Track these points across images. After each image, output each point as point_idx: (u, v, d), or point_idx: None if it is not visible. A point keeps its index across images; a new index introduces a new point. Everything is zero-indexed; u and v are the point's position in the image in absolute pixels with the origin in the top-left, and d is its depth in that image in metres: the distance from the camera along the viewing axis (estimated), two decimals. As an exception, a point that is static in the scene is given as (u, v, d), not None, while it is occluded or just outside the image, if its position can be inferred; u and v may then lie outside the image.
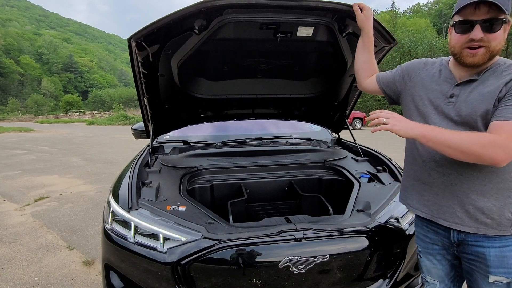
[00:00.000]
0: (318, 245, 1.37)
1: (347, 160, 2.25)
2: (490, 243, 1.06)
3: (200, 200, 2.05)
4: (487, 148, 0.94)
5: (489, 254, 1.06)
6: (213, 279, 1.34)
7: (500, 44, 1.01)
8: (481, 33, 0.99)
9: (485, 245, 1.07)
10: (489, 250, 1.06)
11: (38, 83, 79.59)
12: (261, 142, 2.46)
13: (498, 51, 1.02)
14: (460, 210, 1.08)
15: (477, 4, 0.98)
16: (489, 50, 1.01)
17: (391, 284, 1.50)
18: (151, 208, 1.46)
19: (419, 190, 1.20)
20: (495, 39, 1.00)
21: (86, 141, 12.99)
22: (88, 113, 44.70)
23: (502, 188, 1.03)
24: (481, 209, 1.04)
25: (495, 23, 0.98)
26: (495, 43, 1.00)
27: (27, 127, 23.53)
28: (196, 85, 2.19)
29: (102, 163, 7.55)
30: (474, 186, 1.05)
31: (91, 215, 3.89)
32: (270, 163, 2.20)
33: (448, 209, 1.12)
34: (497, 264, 1.05)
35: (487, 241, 1.06)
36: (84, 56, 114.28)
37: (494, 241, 1.05)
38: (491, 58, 1.03)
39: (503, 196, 1.03)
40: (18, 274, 2.54)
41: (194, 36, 1.63)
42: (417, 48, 20.63)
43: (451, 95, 1.09)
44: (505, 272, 1.04)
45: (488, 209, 1.04)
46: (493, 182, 1.03)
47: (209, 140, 2.54)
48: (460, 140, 0.98)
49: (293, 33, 1.66)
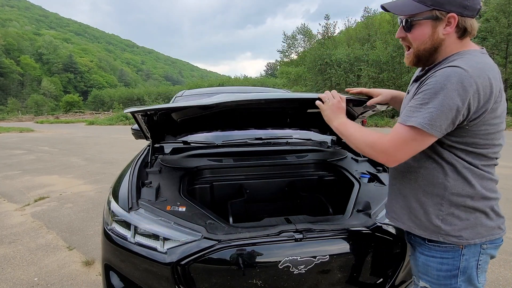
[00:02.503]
0: (318, 245, 1.37)
1: (347, 160, 2.24)
2: (422, 249, 1.04)
3: (200, 200, 2.05)
4: (373, 149, 0.96)
5: (418, 259, 1.06)
6: (213, 279, 1.34)
7: (426, 44, 0.93)
8: (402, 32, 0.96)
9: (418, 249, 1.07)
10: (419, 255, 1.06)
11: (38, 83, 79.59)
12: (261, 142, 2.46)
13: (425, 52, 0.94)
14: (396, 205, 1.09)
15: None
16: (413, 51, 0.97)
17: (391, 284, 1.50)
18: (151, 208, 1.46)
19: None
20: (414, 39, 0.94)
21: (86, 141, 12.98)
22: (88, 113, 44.70)
23: (430, 192, 0.98)
24: (410, 208, 1.03)
25: (412, 21, 0.93)
26: (416, 43, 0.94)
27: (27, 127, 23.53)
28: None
29: (102, 163, 7.55)
30: (406, 183, 1.04)
31: (91, 215, 3.89)
32: (270, 163, 2.20)
33: (389, 204, 1.14)
34: (423, 271, 1.05)
35: (420, 246, 1.05)
36: (84, 56, 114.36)
37: (425, 248, 1.03)
38: (421, 60, 0.97)
39: (432, 202, 0.97)
40: (18, 274, 2.54)
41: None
42: (417, 48, 20.63)
43: (408, 92, 1.08)
44: (429, 281, 1.03)
45: (415, 209, 1.02)
46: (420, 184, 1.00)
47: (209, 140, 2.54)
48: (357, 138, 1.00)
49: None
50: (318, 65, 23.79)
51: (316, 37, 31.14)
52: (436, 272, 1.00)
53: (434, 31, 0.91)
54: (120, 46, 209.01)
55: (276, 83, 32.96)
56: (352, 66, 22.52)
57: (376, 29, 25.80)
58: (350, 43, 26.68)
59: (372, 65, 21.34)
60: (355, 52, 22.74)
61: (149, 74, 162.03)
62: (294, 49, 35.02)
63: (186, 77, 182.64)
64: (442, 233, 0.97)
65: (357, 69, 22.13)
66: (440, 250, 0.99)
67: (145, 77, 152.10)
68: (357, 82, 22.23)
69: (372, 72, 21.02)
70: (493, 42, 17.65)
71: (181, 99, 3.14)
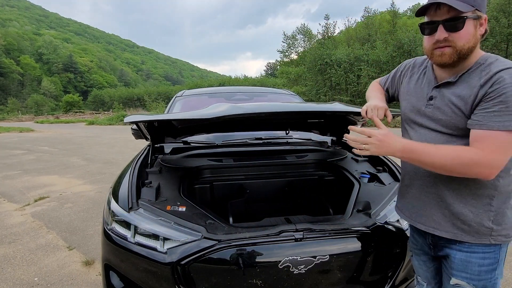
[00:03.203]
0: (318, 245, 1.37)
1: (347, 160, 2.24)
2: (459, 247, 1.03)
3: (200, 200, 2.05)
4: (470, 167, 0.90)
5: (454, 257, 1.04)
6: (213, 279, 1.34)
7: (470, 42, 0.94)
8: (445, 33, 0.95)
9: (454, 247, 1.05)
10: (455, 253, 1.04)
11: (38, 83, 79.60)
12: (261, 142, 2.46)
13: (468, 50, 0.95)
14: (436, 213, 1.05)
15: (438, 5, 0.95)
16: (456, 50, 0.95)
17: (391, 284, 1.50)
18: (151, 208, 1.46)
19: (403, 192, 1.20)
20: (460, 38, 0.94)
21: (86, 141, 12.98)
22: (88, 113, 44.67)
23: (481, 194, 0.98)
24: (457, 214, 1.01)
25: (458, 22, 0.93)
26: (462, 42, 0.94)
27: (27, 127, 23.51)
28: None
29: (102, 163, 7.54)
30: (450, 190, 1.01)
31: (91, 215, 3.89)
32: (270, 163, 2.20)
33: (424, 213, 1.09)
34: (460, 268, 1.03)
35: (456, 244, 1.04)
36: (84, 56, 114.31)
37: (463, 246, 1.02)
38: (462, 58, 0.96)
39: (481, 203, 0.98)
40: (18, 274, 2.54)
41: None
42: (417, 48, 20.61)
43: (430, 97, 1.06)
44: (467, 277, 1.02)
45: (464, 215, 0.99)
46: (470, 187, 0.98)
47: (209, 140, 2.54)
48: (441, 160, 0.93)
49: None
50: (318, 65, 23.79)
51: (316, 37, 31.16)
52: (478, 267, 1.01)
53: (475, 31, 0.95)
54: (120, 46, 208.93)
55: (276, 83, 32.96)
56: (352, 66, 22.51)
57: (376, 29, 25.81)
58: (350, 43, 26.68)
59: (372, 65, 21.34)
60: (355, 52, 22.74)
61: (149, 74, 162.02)
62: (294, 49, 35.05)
63: (186, 77, 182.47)
64: (493, 235, 0.98)
65: (357, 69, 22.12)
66: (482, 245, 1.00)
67: (145, 77, 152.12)
68: (357, 82, 22.23)
69: (372, 72, 21.01)
70: (493, 42, 17.66)
71: (181, 99, 3.15)
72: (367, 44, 23.49)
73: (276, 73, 42.82)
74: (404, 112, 1.16)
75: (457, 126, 0.98)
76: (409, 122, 1.14)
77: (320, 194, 2.20)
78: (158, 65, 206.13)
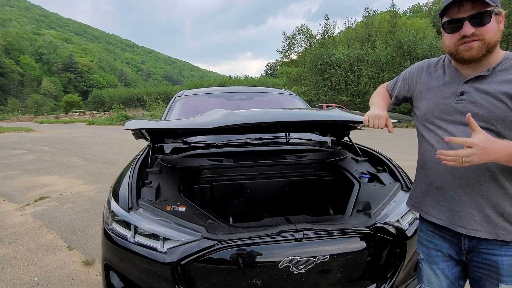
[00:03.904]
0: (318, 245, 1.37)
1: (347, 160, 2.24)
2: (504, 251, 1.00)
3: (200, 200, 2.05)
4: None
5: (502, 263, 1.00)
6: (213, 279, 1.34)
7: (496, 36, 0.97)
8: (472, 28, 0.96)
9: (498, 253, 1.01)
10: (502, 258, 1.00)
11: (38, 83, 79.62)
12: (261, 142, 2.46)
13: (495, 43, 0.98)
14: (478, 215, 1.01)
15: (460, 2, 0.96)
16: (485, 43, 0.97)
17: (391, 284, 1.50)
18: (151, 208, 1.46)
19: (434, 195, 1.12)
20: (488, 31, 0.96)
21: (86, 141, 12.98)
22: (88, 113, 44.72)
23: None
24: (502, 213, 0.98)
25: (483, 17, 0.96)
26: (490, 35, 0.96)
27: (27, 127, 23.52)
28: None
29: (102, 163, 7.55)
30: (494, 188, 0.98)
31: (91, 215, 3.89)
32: (270, 163, 2.20)
33: (465, 215, 1.03)
34: (509, 273, 1.00)
35: (500, 248, 1.00)
36: (84, 56, 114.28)
37: (508, 249, 0.99)
38: (490, 51, 0.98)
39: None
40: (18, 274, 2.54)
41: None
42: (417, 48, 20.62)
43: (461, 93, 1.04)
44: None
45: (508, 213, 0.97)
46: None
47: (209, 140, 2.54)
48: None
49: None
50: (318, 65, 23.82)
51: (316, 37, 31.17)
52: None
53: (498, 26, 0.99)
54: (120, 46, 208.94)
55: (276, 83, 32.99)
56: (352, 66, 22.53)
57: (376, 29, 25.82)
58: (350, 43, 26.68)
59: (372, 65, 21.35)
60: (355, 52, 22.76)
61: (149, 74, 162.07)
62: (294, 49, 35.06)
63: (186, 77, 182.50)
64: None
65: (357, 69, 22.14)
66: None
67: (145, 77, 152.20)
68: (357, 82, 22.23)
69: (372, 72, 21.03)
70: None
71: (181, 99, 3.15)
72: (367, 44, 23.51)
73: (276, 73, 42.86)
74: (426, 112, 1.13)
75: (501, 118, 0.96)
76: (433, 121, 1.10)
77: (320, 194, 2.20)
78: (158, 65, 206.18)
